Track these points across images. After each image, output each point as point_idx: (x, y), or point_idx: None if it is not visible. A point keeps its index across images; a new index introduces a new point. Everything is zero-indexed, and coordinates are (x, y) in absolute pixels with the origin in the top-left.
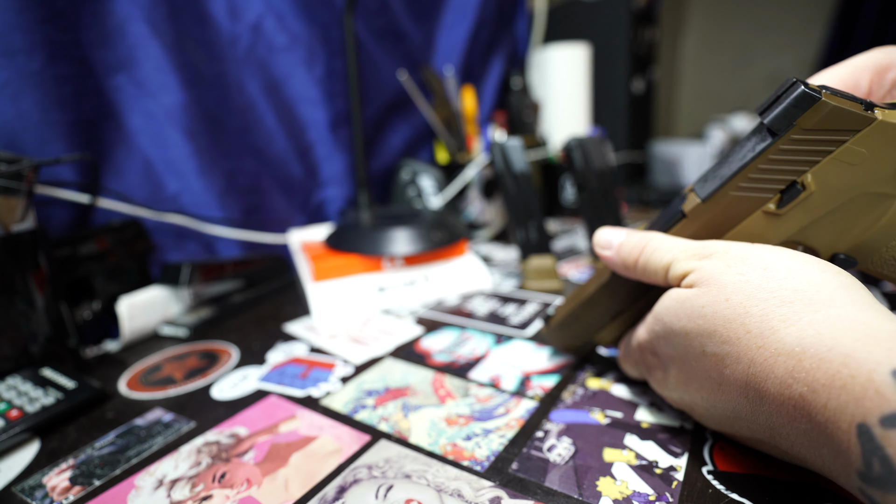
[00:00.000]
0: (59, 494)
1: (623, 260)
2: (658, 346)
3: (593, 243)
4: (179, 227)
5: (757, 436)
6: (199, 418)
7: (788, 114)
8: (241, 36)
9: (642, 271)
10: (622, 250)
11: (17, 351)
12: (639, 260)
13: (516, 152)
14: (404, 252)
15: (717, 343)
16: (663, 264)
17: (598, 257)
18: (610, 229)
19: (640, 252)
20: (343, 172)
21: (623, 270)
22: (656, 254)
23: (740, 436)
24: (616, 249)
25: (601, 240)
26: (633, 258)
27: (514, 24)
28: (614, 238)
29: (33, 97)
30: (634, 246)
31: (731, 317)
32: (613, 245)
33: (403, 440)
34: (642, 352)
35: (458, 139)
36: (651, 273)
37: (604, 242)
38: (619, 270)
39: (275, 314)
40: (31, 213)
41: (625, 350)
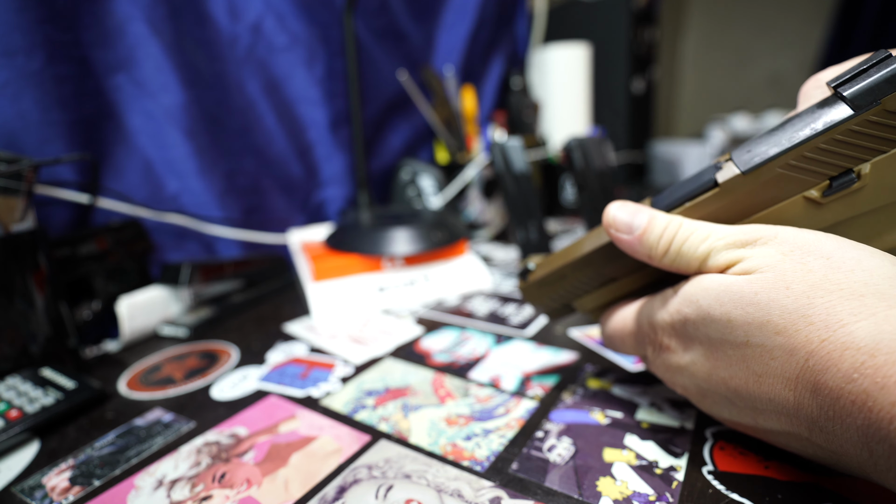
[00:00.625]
0: (58, 495)
1: (649, 249)
2: (683, 329)
3: (605, 223)
4: (179, 227)
5: (786, 429)
6: (199, 418)
7: (876, 90)
8: (241, 36)
9: (670, 262)
10: (648, 239)
11: (17, 351)
12: (669, 250)
13: (516, 152)
14: (404, 252)
15: (767, 334)
16: (699, 255)
17: (612, 238)
18: (626, 207)
19: (671, 242)
20: (343, 172)
21: (644, 257)
22: (690, 243)
23: (757, 427)
24: (640, 236)
25: (618, 221)
26: (662, 248)
27: (514, 24)
28: (636, 221)
29: (33, 97)
30: (663, 233)
31: (792, 307)
32: (635, 230)
33: (403, 440)
34: (654, 330)
35: (458, 139)
36: (682, 264)
37: (622, 225)
38: (637, 256)
39: (275, 314)
40: (31, 213)
41: (617, 323)
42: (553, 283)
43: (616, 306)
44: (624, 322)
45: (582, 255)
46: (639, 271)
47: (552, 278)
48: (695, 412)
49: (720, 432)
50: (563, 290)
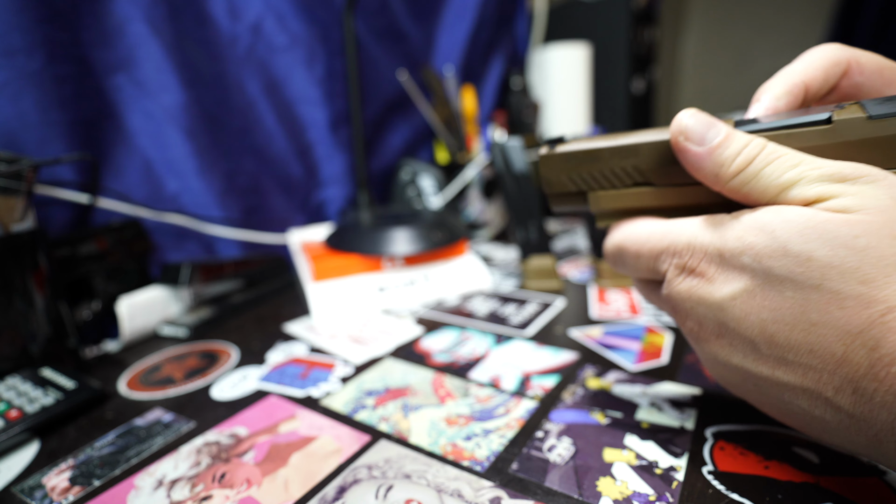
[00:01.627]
0: (58, 495)
1: (718, 165)
2: (736, 259)
3: (674, 128)
4: (179, 227)
5: (810, 385)
6: (199, 418)
7: None
8: (240, 36)
9: (740, 185)
10: (721, 153)
11: (17, 351)
12: (745, 171)
13: (516, 152)
14: (404, 252)
15: (849, 281)
16: (782, 181)
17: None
18: (700, 115)
19: (749, 162)
20: (343, 172)
21: (707, 176)
22: (775, 167)
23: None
24: (713, 149)
25: (690, 128)
26: (736, 167)
27: (514, 24)
28: (710, 133)
29: (33, 97)
30: (745, 150)
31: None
32: (709, 140)
33: (403, 440)
34: (692, 252)
35: (458, 139)
36: (756, 190)
37: (694, 134)
38: (701, 175)
39: (274, 314)
40: (31, 213)
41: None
42: (583, 162)
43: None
44: (648, 234)
45: (630, 143)
46: (683, 186)
47: (585, 156)
48: (695, 412)
49: (720, 432)
50: (590, 174)
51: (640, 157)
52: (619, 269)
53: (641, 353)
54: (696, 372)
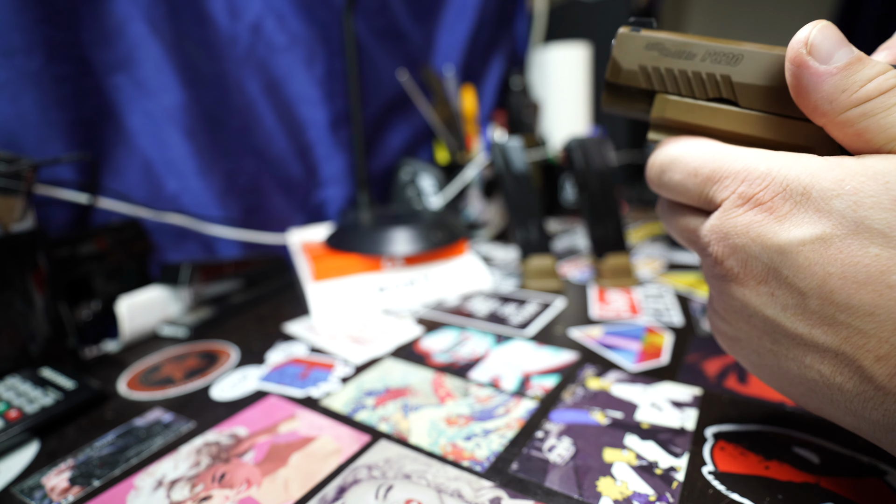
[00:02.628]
0: (58, 495)
1: (839, 89)
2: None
3: (796, 40)
4: (179, 227)
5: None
6: (199, 418)
7: None
8: (240, 36)
9: (859, 118)
10: (851, 75)
11: (17, 351)
12: (871, 102)
13: (516, 152)
14: (404, 252)
15: None
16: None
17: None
18: (834, 30)
19: (883, 93)
20: (343, 172)
21: (821, 103)
22: None
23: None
24: (840, 69)
25: (817, 43)
26: (862, 96)
27: (514, 23)
28: (842, 51)
29: (32, 97)
30: (878, 80)
31: None
32: (838, 60)
33: (403, 440)
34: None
35: (458, 139)
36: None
37: (821, 49)
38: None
39: (274, 314)
40: (31, 213)
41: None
42: (666, 55)
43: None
44: (715, 153)
45: (733, 46)
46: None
47: (674, 46)
48: (695, 412)
49: (721, 433)
50: (670, 71)
51: (739, 67)
52: (660, 186)
53: (641, 353)
54: (696, 372)
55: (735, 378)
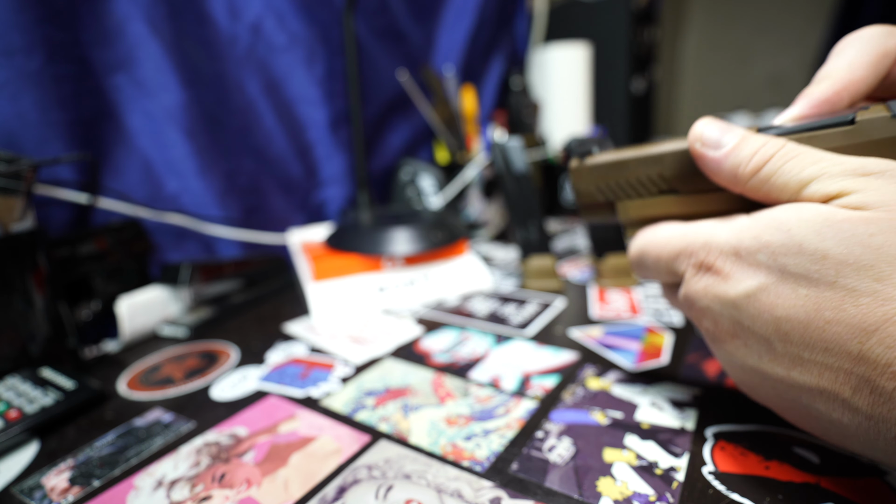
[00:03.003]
0: (58, 495)
1: (735, 166)
2: (752, 256)
3: (692, 136)
4: (179, 227)
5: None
6: (199, 419)
7: None
8: (240, 35)
9: (759, 184)
10: (739, 153)
11: (17, 351)
12: (763, 169)
13: (516, 152)
14: (404, 252)
15: (864, 278)
16: (801, 178)
17: (693, 155)
18: (716, 122)
19: (765, 161)
20: (343, 172)
21: (726, 178)
22: (793, 164)
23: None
24: (729, 151)
25: (706, 134)
26: (751, 167)
27: (514, 23)
28: (728, 134)
29: (32, 97)
30: (759, 151)
31: None
32: (725, 144)
33: (403, 440)
34: (709, 251)
35: (458, 139)
36: (774, 188)
37: (710, 138)
38: (721, 178)
39: (274, 314)
40: (31, 213)
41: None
42: (610, 173)
43: (662, 221)
44: (668, 236)
45: (655, 152)
46: (706, 193)
47: (612, 166)
48: (695, 412)
49: (721, 433)
50: (617, 183)
51: (665, 166)
52: (642, 274)
53: (641, 353)
54: (696, 372)
55: None
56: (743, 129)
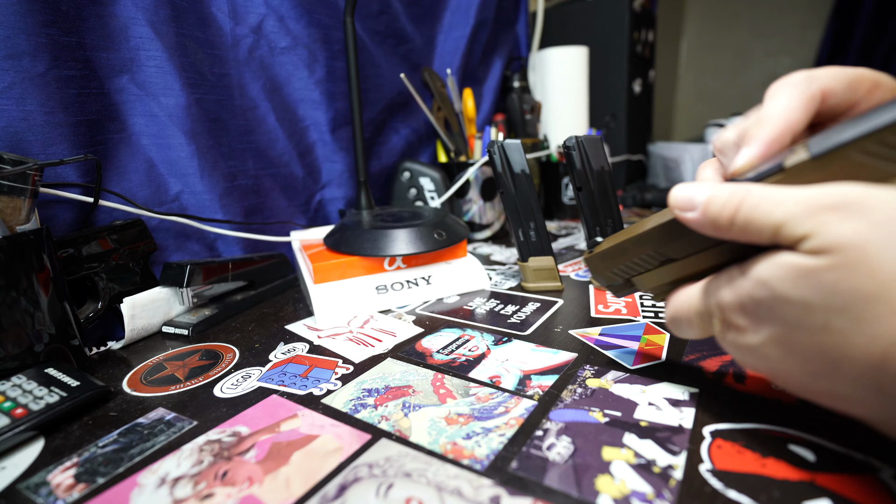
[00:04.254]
0: (63, 492)
1: (713, 220)
2: (755, 311)
3: (670, 204)
4: (181, 228)
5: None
6: (201, 417)
7: None
8: (242, 38)
9: (740, 231)
10: (710, 209)
11: (22, 350)
12: (736, 218)
13: (516, 152)
14: (404, 253)
15: (848, 321)
16: (772, 222)
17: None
18: (689, 185)
19: (737, 208)
20: (344, 173)
21: (713, 232)
22: (760, 208)
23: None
24: (702, 209)
25: (679, 200)
26: (726, 216)
27: (515, 25)
28: (697, 195)
29: (38, 99)
30: (727, 202)
31: (878, 294)
32: (697, 204)
33: (404, 439)
34: (723, 311)
35: (458, 140)
36: (754, 232)
37: (683, 203)
38: (707, 233)
39: (276, 314)
40: (36, 214)
41: (682, 303)
42: (615, 258)
43: (680, 287)
44: (689, 301)
45: (642, 231)
46: (698, 252)
47: (614, 252)
48: (693, 411)
49: (718, 431)
50: (624, 265)
51: (653, 241)
52: (683, 336)
53: (640, 352)
54: (694, 371)
55: (732, 377)
56: (710, 184)
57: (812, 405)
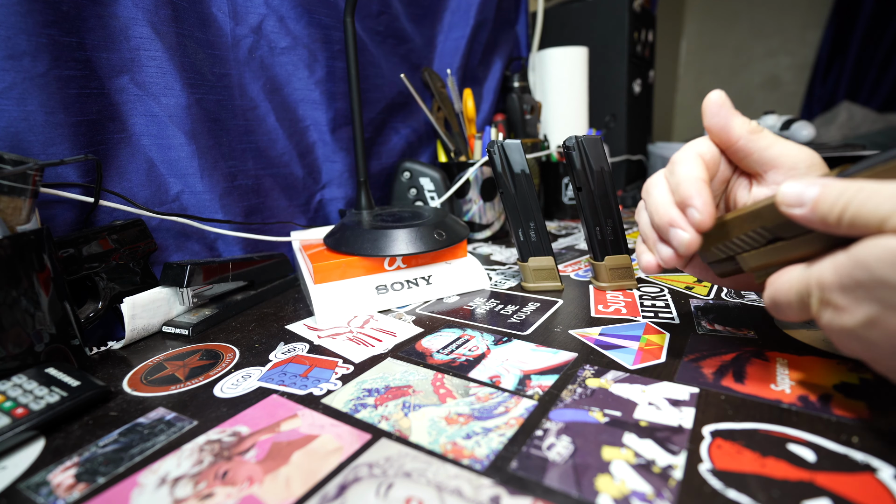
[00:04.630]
0: (63, 491)
1: (823, 217)
2: (854, 291)
3: (778, 202)
4: (181, 228)
5: None
6: (201, 417)
7: None
8: (242, 38)
9: (849, 226)
10: (821, 206)
11: (23, 350)
12: (845, 214)
13: (516, 152)
14: (404, 253)
15: None
16: (880, 216)
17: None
18: (798, 182)
19: (846, 205)
20: (344, 173)
21: (822, 228)
22: (869, 204)
23: None
24: (812, 206)
25: (789, 196)
26: (835, 213)
27: (515, 25)
28: (807, 192)
29: (38, 99)
30: (836, 199)
31: None
32: (807, 201)
33: (404, 439)
34: (822, 290)
35: (458, 140)
36: (861, 227)
37: (792, 199)
38: (816, 228)
39: (276, 313)
40: (36, 214)
41: (783, 283)
42: (722, 233)
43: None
44: (790, 280)
45: (753, 209)
46: (807, 233)
47: (721, 228)
48: (693, 411)
49: (718, 431)
50: (731, 241)
51: (764, 219)
52: (781, 317)
53: (640, 352)
54: (694, 371)
55: (732, 377)
56: (820, 180)
57: (811, 405)
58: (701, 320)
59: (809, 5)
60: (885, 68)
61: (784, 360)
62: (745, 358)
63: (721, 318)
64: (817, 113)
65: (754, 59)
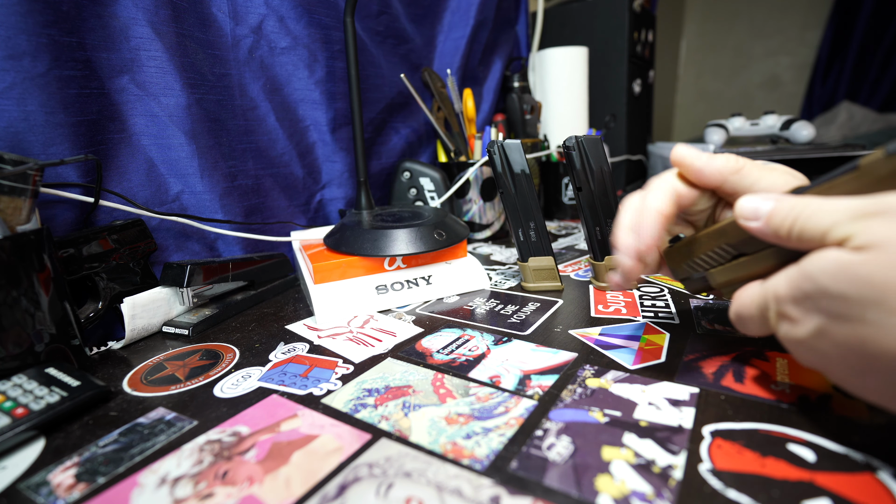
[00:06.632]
0: (63, 491)
1: (776, 230)
2: (803, 303)
3: (736, 214)
4: (181, 228)
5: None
6: (201, 417)
7: None
8: (242, 38)
9: (797, 240)
10: (773, 220)
11: (23, 350)
12: (794, 228)
13: (516, 152)
14: (404, 253)
15: (882, 313)
16: (821, 229)
17: (743, 228)
18: (755, 196)
19: (795, 219)
20: (344, 173)
21: (775, 240)
22: (814, 219)
23: (870, 393)
24: (766, 220)
25: (746, 210)
26: (786, 226)
27: (515, 25)
28: (762, 206)
29: (38, 99)
30: (787, 214)
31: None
32: (762, 215)
33: (404, 439)
34: (778, 303)
35: (458, 140)
36: (807, 241)
37: (749, 213)
38: (769, 240)
39: (276, 313)
40: (36, 214)
41: (745, 298)
42: (690, 251)
43: (745, 284)
44: (752, 295)
45: (717, 227)
46: (768, 248)
47: (689, 244)
48: (693, 411)
49: (718, 431)
50: (699, 258)
51: (728, 236)
52: (746, 332)
53: (640, 352)
54: (694, 371)
55: (732, 377)
56: (774, 196)
57: (811, 405)
58: (701, 320)
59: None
60: (885, 68)
61: (784, 360)
62: (745, 358)
63: (721, 318)
64: (817, 113)
65: (754, 59)
